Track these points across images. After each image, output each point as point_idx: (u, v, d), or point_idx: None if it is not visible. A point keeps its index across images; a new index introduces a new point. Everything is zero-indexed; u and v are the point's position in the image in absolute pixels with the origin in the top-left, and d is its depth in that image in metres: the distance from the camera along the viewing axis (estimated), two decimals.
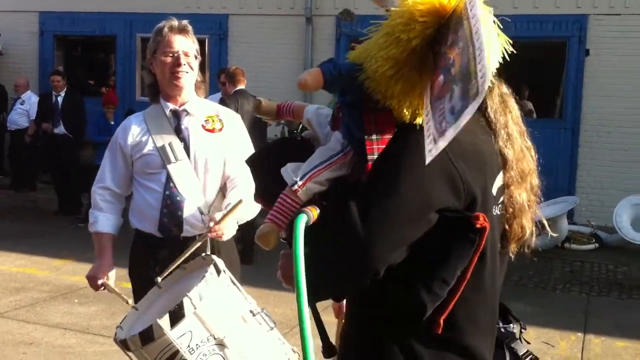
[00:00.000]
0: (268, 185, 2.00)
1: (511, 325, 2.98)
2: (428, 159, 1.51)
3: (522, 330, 2.99)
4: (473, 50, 1.40)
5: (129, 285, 3.36)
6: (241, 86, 7.84)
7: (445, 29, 1.59)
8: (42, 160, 11.48)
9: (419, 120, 1.72)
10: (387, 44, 1.64)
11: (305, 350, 1.59)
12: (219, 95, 8.45)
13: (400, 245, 1.69)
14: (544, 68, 11.41)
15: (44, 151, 11.06)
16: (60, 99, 10.67)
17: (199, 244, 2.90)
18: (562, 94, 10.88)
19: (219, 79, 8.52)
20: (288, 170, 1.86)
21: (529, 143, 1.99)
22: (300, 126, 9.87)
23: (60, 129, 10.56)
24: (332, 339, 2.17)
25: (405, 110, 1.72)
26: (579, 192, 10.28)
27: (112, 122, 10.04)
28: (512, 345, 2.86)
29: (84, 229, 9.33)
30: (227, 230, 3.05)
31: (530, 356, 2.92)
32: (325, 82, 1.75)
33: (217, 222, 2.95)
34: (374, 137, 1.76)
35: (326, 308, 2.30)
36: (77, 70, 14.24)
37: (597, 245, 9.38)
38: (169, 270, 2.93)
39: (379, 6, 1.79)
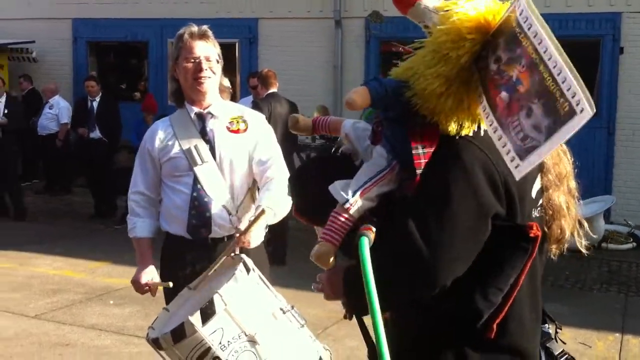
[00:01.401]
0: (309, 202, 2.07)
1: (546, 325, 2.95)
2: (517, 176, 1.57)
3: (558, 330, 2.96)
4: (547, 69, 1.44)
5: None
6: (273, 89, 7.87)
7: (492, 45, 1.62)
8: (78, 164, 11.64)
9: (463, 132, 1.77)
10: (436, 62, 1.69)
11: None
12: (250, 98, 8.50)
13: (465, 258, 1.74)
14: (578, 67, 11.20)
15: (80, 155, 11.21)
16: (95, 104, 10.81)
17: (228, 253, 2.90)
18: (596, 92, 10.72)
19: (248, 83, 8.56)
20: (337, 188, 1.89)
21: (565, 147, 2.02)
22: (341, 150, 9.80)
23: (96, 134, 10.69)
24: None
25: (452, 125, 1.76)
26: (615, 191, 10.13)
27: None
28: (548, 345, 2.84)
29: (119, 231, 9.54)
30: (254, 238, 3.08)
31: (566, 356, 2.89)
32: (373, 100, 1.79)
33: (243, 233, 2.97)
34: (420, 151, 1.80)
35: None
36: (110, 76, 14.44)
37: (634, 244, 9.23)
38: (200, 279, 2.96)
39: (416, 22, 1.81)
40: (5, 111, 10.45)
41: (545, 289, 2.17)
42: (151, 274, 3.31)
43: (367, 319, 1.78)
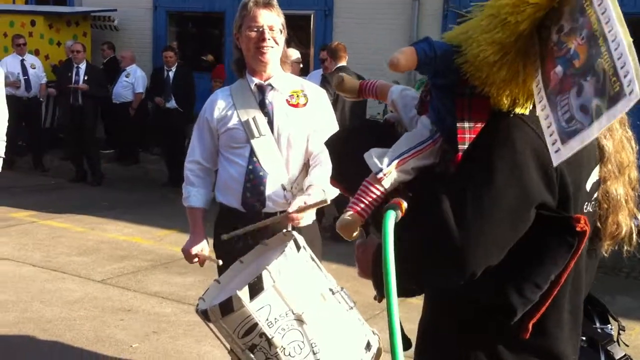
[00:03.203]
0: (347, 169, 1.93)
1: (609, 325, 2.75)
2: (556, 161, 1.42)
3: (621, 331, 2.76)
4: (606, 44, 1.28)
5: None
6: (343, 63, 7.78)
7: (557, 13, 1.46)
8: (154, 133, 11.84)
9: (517, 110, 1.61)
10: (492, 27, 1.53)
11: (394, 349, 1.54)
12: (320, 71, 8.42)
13: (500, 246, 1.59)
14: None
15: (156, 124, 11.39)
16: (171, 74, 10.95)
17: (275, 221, 2.89)
18: None
19: (319, 57, 8.49)
20: (372, 156, 1.76)
21: (630, 133, 1.85)
22: (385, 117, 9.66)
23: (172, 103, 10.85)
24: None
25: (504, 99, 1.60)
26: None
27: None
28: (609, 347, 2.66)
29: None
30: (305, 218, 3.05)
31: None
32: (420, 62, 1.65)
33: (296, 211, 2.94)
34: (466, 124, 1.66)
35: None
36: (189, 46, 14.61)
37: None
38: (235, 233, 2.95)
39: None
40: (86, 77, 10.70)
41: (616, 282, 2.04)
42: (202, 245, 3.32)
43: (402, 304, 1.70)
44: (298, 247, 2.67)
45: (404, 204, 1.65)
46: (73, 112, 10.70)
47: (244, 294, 2.48)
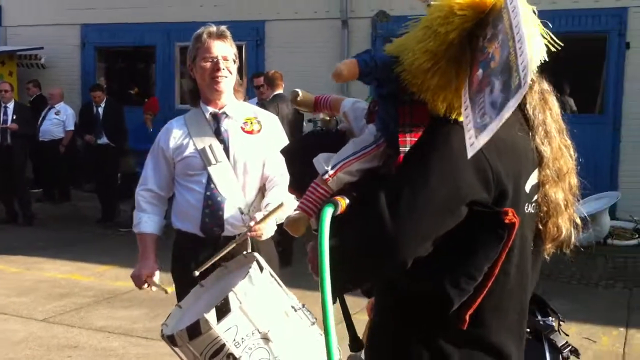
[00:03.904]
0: (302, 176, 2.00)
1: (550, 318, 2.95)
2: (470, 153, 1.51)
3: (561, 322, 2.96)
4: (513, 43, 1.40)
5: (172, 288, 3.43)
6: (280, 90, 7.91)
7: (484, 24, 1.58)
8: (85, 170, 11.68)
9: (453, 115, 1.71)
10: (425, 37, 1.64)
11: (328, 341, 1.62)
12: (255, 100, 8.53)
13: (429, 237, 1.67)
14: (584, 63, 11.27)
15: (87, 161, 11.25)
16: (101, 110, 10.90)
17: (239, 241, 2.96)
18: (602, 88, 10.73)
19: (252, 83, 8.59)
20: (320, 160, 1.87)
21: (568, 141, 1.94)
22: (337, 127, 9.87)
23: (104, 140, 10.77)
24: (360, 334, 2.17)
25: (439, 104, 1.70)
26: (621, 187, 10.12)
27: (151, 130, 10.17)
28: (551, 337, 2.84)
29: (125, 235, 9.61)
30: (267, 230, 3.11)
31: (569, 347, 2.89)
32: (361, 72, 1.75)
33: (258, 222, 3.00)
34: (407, 129, 1.76)
35: (362, 309, 2.33)
36: (118, 81, 14.51)
37: (639, 240, 9.24)
38: (206, 265, 3.00)
39: (422, 1, 1.80)
40: (14, 117, 10.52)
41: (550, 285, 2.19)
42: (151, 270, 3.35)
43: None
44: (261, 268, 2.75)
45: (345, 201, 1.76)
46: (1, 152, 10.50)
47: (211, 316, 2.54)
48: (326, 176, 1.83)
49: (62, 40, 13.62)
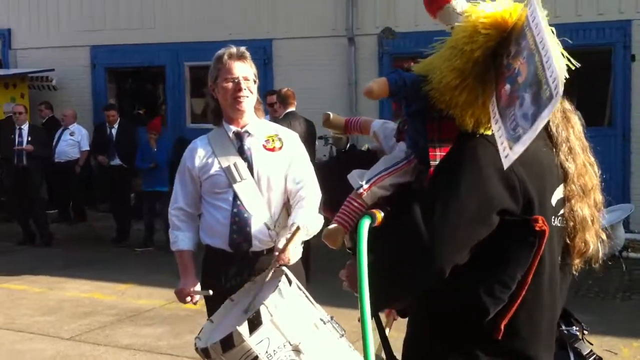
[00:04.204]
0: (335, 195, 2.10)
1: (574, 327, 3.02)
2: (506, 164, 1.61)
3: (585, 332, 3.03)
4: (540, 58, 1.50)
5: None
6: (292, 108, 8.01)
7: (507, 42, 1.70)
8: (99, 190, 11.78)
9: (481, 130, 1.82)
10: (452, 56, 1.76)
11: (366, 348, 1.71)
12: (267, 117, 8.63)
13: (463, 246, 1.76)
14: (590, 76, 11.33)
15: (101, 182, 11.36)
16: (114, 131, 11.02)
17: (270, 273, 3.00)
18: (610, 101, 10.80)
19: (265, 100, 8.70)
20: (354, 176, 1.99)
21: (592, 159, 2.03)
22: (348, 145, 10.00)
23: (116, 161, 10.89)
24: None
25: (467, 119, 1.81)
26: (633, 199, 10.14)
27: (155, 149, 10.22)
28: (576, 345, 2.91)
29: (142, 253, 9.69)
30: (293, 255, 3.20)
31: (594, 356, 2.96)
32: (391, 91, 1.88)
33: (282, 251, 3.08)
34: (436, 144, 1.88)
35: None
36: (128, 101, 14.65)
37: None
38: (242, 290, 3.08)
39: (445, 25, 1.91)
40: (29, 138, 10.64)
41: (568, 299, 2.26)
42: (194, 285, 3.43)
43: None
44: (289, 282, 2.84)
45: (380, 214, 1.86)
46: (17, 173, 10.61)
47: (244, 329, 2.63)
48: (361, 190, 1.94)
49: (73, 62, 13.77)
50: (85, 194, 12.17)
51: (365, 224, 1.80)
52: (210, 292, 3.30)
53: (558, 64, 1.46)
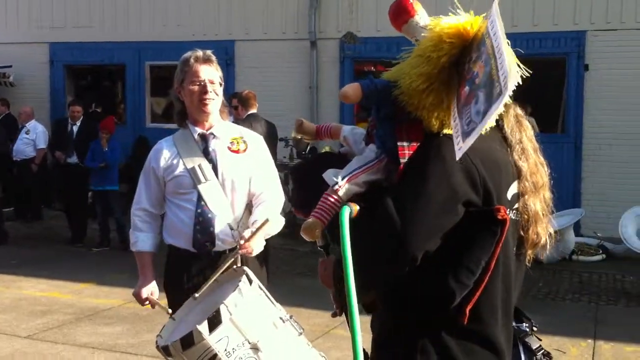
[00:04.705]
0: (307, 196, 2.25)
1: (524, 324, 3.18)
2: (458, 155, 1.77)
3: (534, 328, 3.19)
4: (495, 61, 1.66)
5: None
6: (253, 110, 8.06)
7: (469, 50, 1.87)
8: (54, 189, 11.63)
9: (445, 130, 1.98)
10: (419, 63, 1.93)
11: (354, 336, 1.82)
12: (231, 119, 8.66)
13: (434, 234, 1.91)
14: (545, 84, 11.64)
15: (57, 180, 11.21)
16: (75, 129, 10.76)
17: (231, 260, 3.09)
18: (563, 108, 11.09)
19: (230, 103, 8.73)
20: (329, 174, 2.13)
21: (542, 159, 2.22)
22: (308, 148, 10.09)
23: (74, 159, 10.65)
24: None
25: (433, 121, 1.98)
26: (584, 204, 10.45)
27: (106, 149, 10.12)
28: (526, 339, 3.07)
29: (99, 254, 9.64)
30: (256, 246, 3.26)
31: (542, 351, 3.12)
32: (364, 94, 2.04)
33: (247, 240, 3.15)
34: (405, 144, 2.03)
35: (342, 322, 2.49)
36: (86, 99, 14.50)
37: (604, 256, 9.56)
38: (205, 287, 3.14)
39: (409, 37, 2.07)
40: None
41: (520, 300, 2.40)
42: (151, 288, 3.48)
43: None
44: (250, 281, 2.91)
45: (356, 207, 2.00)
46: None
47: (203, 327, 2.69)
48: (337, 187, 2.08)
49: (31, 59, 13.63)
50: (42, 193, 12.00)
51: (346, 213, 1.93)
52: (170, 310, 3.27)
53: (510, 65, 1.61)
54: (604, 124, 10.46)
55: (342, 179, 2.08)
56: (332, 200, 2.07)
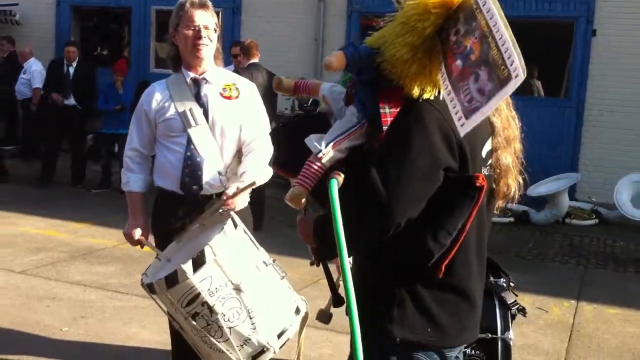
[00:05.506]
0: (288, 155, 2.31)
1: (501, 279, 3.29)
2: (462, 132, 1.83)
3: (511, 284, 3.30)
4: (494, 41, 1.68)
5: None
6: (255, 59, 8.05)
7: (453, 20, 1.87)
8: (53, 130, 11.66)
9: (425, 96, 2.01)
10: (404, 32, 1.94)
11: (348, 296, 1.90)
12: (231, 67, 8.66)
13: (417, 200, 1.99)
14: (553, 47, 11.57)
15: (54, 122, 11.20)
16: (72, 70, 10.60)
17: (216, 205, 3.15)
18: (568, 72, 11.05)
19: (230, 52, 8.72)
20: (312, 141, 2.16)
21: (514, 113, 2.29)
22: (310, 100, 10.10)
23: (71, 101, 10.50)
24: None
25: (415, 88, 2.01)
26: (581, 169, 10.49)
27: (121, 92, 10.17)
28: (502, 294, 3.18)
29: (99, 195, 9.74)
30: (239, 202, 3.33)
31: (517, 305, 3.23)
32: (348, 63, 2.06)
33: (231, 197, 3.19)
34: (387, 110, 2.07)
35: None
36: (92, 41, 14.46)
37: (597, 221, 9.63)
38: (191, 229, 3.21)
39: (394, 0, 2.07)
40: None
41: (508, 260, 2.49)
42: (142, 227, 3.55)
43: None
44: (235, 225, 2.98)
45: (342, 176, 2.04)
46: None
47: (188, 267, 2.77)
48: (320, 154, 2.12)
49: None
50: (42, 133, 12.02)
51: (335, 186, 1.98)
52: (160, 252, 3.30)
53: (516, 50, 1.63)
54: (609, 90, 10.42)
55: (326, 146, 2.11)
56: (315, 167, 2.11)
